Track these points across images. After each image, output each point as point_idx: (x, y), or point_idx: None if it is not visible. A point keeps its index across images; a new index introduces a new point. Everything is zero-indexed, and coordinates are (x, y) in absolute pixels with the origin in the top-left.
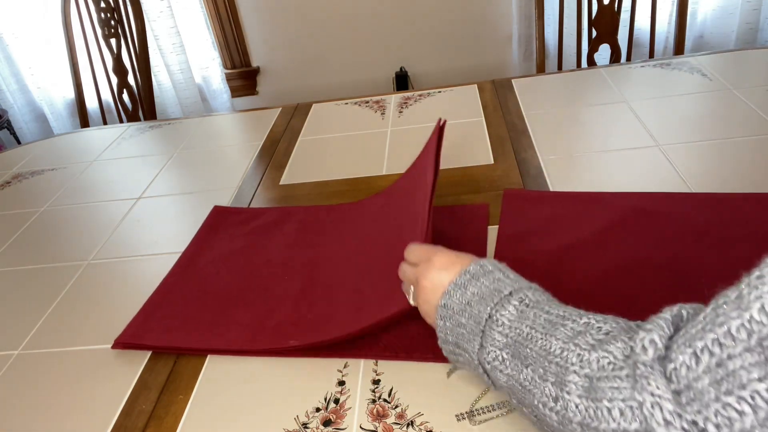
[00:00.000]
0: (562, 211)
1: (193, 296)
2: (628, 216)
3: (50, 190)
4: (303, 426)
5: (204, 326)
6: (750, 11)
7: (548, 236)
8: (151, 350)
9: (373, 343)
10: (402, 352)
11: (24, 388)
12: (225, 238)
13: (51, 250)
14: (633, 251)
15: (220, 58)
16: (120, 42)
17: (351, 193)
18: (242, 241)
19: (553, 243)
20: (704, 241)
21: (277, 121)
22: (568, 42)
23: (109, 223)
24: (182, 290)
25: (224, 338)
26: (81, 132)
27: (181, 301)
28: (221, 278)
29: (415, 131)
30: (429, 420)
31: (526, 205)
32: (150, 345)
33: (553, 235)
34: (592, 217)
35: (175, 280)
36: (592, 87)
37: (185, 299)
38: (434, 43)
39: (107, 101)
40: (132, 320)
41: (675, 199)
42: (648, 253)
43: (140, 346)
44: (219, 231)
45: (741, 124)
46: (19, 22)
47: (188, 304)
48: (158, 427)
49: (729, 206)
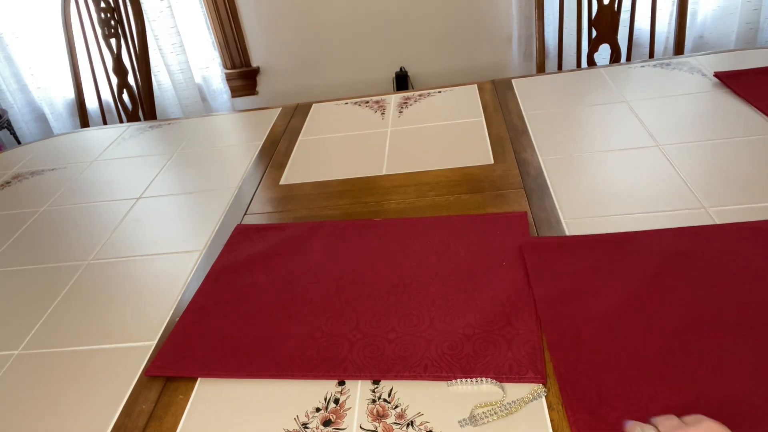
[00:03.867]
0: (593, 261)
1: (231, 313)
2: (669, 260)
3: (50, 190)
4: (303, 426)
5: (248, 345)
6: (750, 11)
7: (591, 295)
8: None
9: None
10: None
11: (24, 388)
12: (253, 252)
13: (51, 250)
14: (694, 303)
15: (220, 58)
16: (120, 42)
17: (351, 193)
18: (274, 252)
19: (601, 304)
20: (765, 280)
21: (277, 121)
22: (568, 42)
23: (109, 223)
24: (217, 308)
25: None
26: (81, 132)
27: (218, 321)
28: (259, 291)
29: (415, 131)
30: (429, 420)
31: (551, 257)
32: (191, 374)
33: (596, 293)
34: (630, 266)
35: (206, 299)
36: (592, 87)
37: (223, 317)
38: (434, 43)
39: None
40: (165, 344)
41: (708, 234)
42: (711, 303)
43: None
44: (246, 247)
45: (741, 124)
46: (19, 22)
47: (226, 323)
48: (158, 427)
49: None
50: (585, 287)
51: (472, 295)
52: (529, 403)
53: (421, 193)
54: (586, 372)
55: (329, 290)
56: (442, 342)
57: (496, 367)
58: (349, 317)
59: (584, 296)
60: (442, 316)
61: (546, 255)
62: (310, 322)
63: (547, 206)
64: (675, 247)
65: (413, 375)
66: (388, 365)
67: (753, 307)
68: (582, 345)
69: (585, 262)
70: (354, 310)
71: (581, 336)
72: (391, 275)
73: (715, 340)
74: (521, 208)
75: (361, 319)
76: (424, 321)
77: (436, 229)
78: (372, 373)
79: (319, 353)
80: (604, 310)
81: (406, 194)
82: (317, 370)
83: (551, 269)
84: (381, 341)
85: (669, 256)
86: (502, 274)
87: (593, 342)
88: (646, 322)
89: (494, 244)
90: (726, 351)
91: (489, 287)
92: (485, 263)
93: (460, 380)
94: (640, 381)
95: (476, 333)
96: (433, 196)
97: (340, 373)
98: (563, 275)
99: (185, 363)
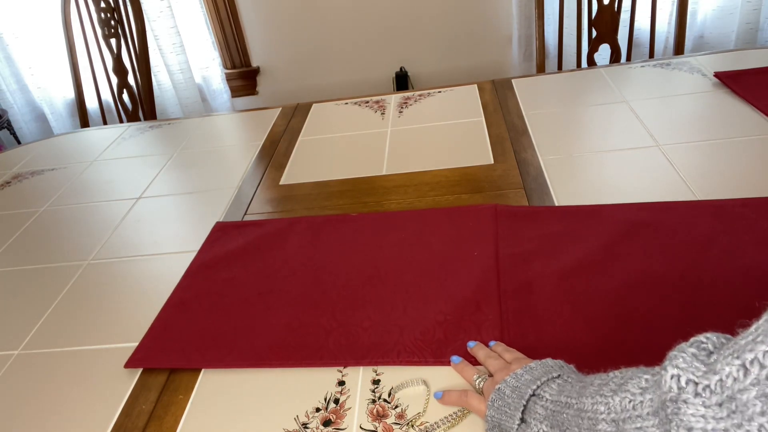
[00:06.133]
0: (559, 228)
1: (210, 306)
2: (631, 230)
3: (50, 190)
4: (303, 426)
5: (227, 336)
6: (750, 11)
7: (551, 257)
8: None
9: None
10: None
11: (24, 388)
12: (232, 247)
13: (51, 250)
14: (642, 267)
15: (220, 58)
16: (120, 42)
17: (351, 193)
18: (252, 247)
19: (558, 264)
20: (712, 250)
21: (277, 121)
22: (568, 42)
23: (109, 223)
24: (196, 301)
25: (253, 347)
26: (81, 132)
27: (198, 314)
28: (237, 284)
29: (415, 131)
30: (429, 420)
31: (521, 222)
32: (170, 365)
33: (556, 255)
34: (592, 234)
35: (185, 294)
36: (592, 87)
37: (202, 310)
38: (434, 43)
39: (107, 101)
40: (144, 337)
41: (674, 209)
42: (658, 268)
43: (158, 365)
44: (224, 243)
45: (741, 124)
46: (19, 22)
47: (205, 315)
48: (158, 427)
49: (729, 213)
50: (546, 249)
51: (444, 283)
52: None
53: (421, 193)
54: (532, 319)
55: (306, 282)
56: (415, 329)
57: (466, 352)
58: (326, 307)
59: (543, 256)
60: (415, 304)
61: (517, 220)
62: (288, 313)
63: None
64: (638, 218)
65: (387, 361)
66: (362, 352)
67: (694, 273)
68: (532, 296)
69: (552, 228)
70: (330, 301)
71: (533, 288)
72: (367, 266)
73: (651, 298)
74: None
75: (337, 309)
76: (397, 309)
77: (411, 222)
78: (347, 360)
79: (297, 342)
80: (559, 269)
81: (406, 194)
82: (294, 359)
83: (519, 233)
84: (356, 329)
85: (630, 225)
86: (472, 263)
87: (542, 294)
88: (593, 281)
89: (466, 235)
90: (657, 307)
91: (460, 276)
92: (457, 253)
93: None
94: (577, 329)
95: (447, 320)
96: (433, 196)
97: (316, 361)
98: (530, 239)
99: (164, 355)
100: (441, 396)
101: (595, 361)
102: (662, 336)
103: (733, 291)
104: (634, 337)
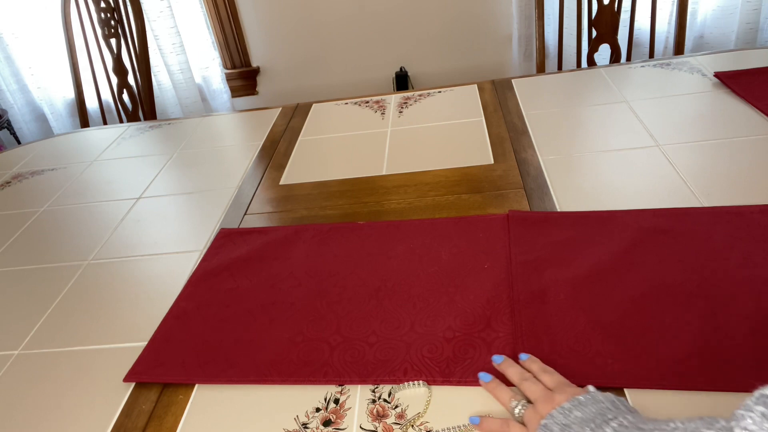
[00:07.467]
0: (573, 234)
1: (212, 317)
2: (646, 237)
3: (50, 190)
4: (303, 426)
5: (229, 350)
6: (750, 11)
7: (565, 264)
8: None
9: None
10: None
11: (24, 388)
12: (236, 256)
13: (51, 250)
14: (659, 274)
15: (220, 58)
16: (120, 42)
17: (351, 193)
18: (257, 256)
19: (572, 271)
20: (730, 259)
21: (277, 121)
22: (568, 42)
23: (109, 223)
24: (198, 312)
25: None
26: (81, 132)
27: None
28: (241, 295)
29: (415, 131)
30: (429, 420)
31: (534, 228)
32: (169, 380)
33: (570, 262)
34: (607, 241)
35: (187, 304)
36: (592, 87)
37: (204, 321)
38: (434, 43)
39: (107, 101)
40: (144, 350)
41: (689, 215)
42: (675, 275)
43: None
44: (228, 251)
45: (741, 124)
46: (19, 22)
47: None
48: (158, 427)
49: (747, 220)
50: (560, 256)
51: (453, 297)
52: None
53: (421, 193)
54: (546, 328)
55: (311, 294)
56: (422, 346)
57: (475, 370)
58: (330, 321)
59: (557, 263)
60: (423, 320)
61: (530, 226)
62: (291, 327)
63: (547, 206)
64: (653, 225)
65: (393, 379)
66: (368, 370)
67: (712, 282)
68: (547, 305)
69: (565, 234)
70: (335, 314)
71: (547, 297)
72: (373, 279)
73: (669, 308)
74: (521, 207)
75: (342, 323)
76: (404, 324)
77: (419, 232)
78: (351, 378)
79: (300, 358)
80: (573, 276)
81: (406, 194)
82: (296, 376)
83: (533, 239)
84: (361, 345)
85: (645, 232)
86: (483, 277)
87: (557, 302)
88: (608, 289)
89: (476, 247)
90: (675, 317)
91: (470, 290)
92: (467, 266)
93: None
94: (591, 338)
95: (456, 336)
96: (433, 196)
97: (320, 378)
98: (543, 245)
99: (164, 369)
100: (479, 422)
101: (611, 371)
102: (681, 346)
103: (753, 300)
104: (652, 348)
